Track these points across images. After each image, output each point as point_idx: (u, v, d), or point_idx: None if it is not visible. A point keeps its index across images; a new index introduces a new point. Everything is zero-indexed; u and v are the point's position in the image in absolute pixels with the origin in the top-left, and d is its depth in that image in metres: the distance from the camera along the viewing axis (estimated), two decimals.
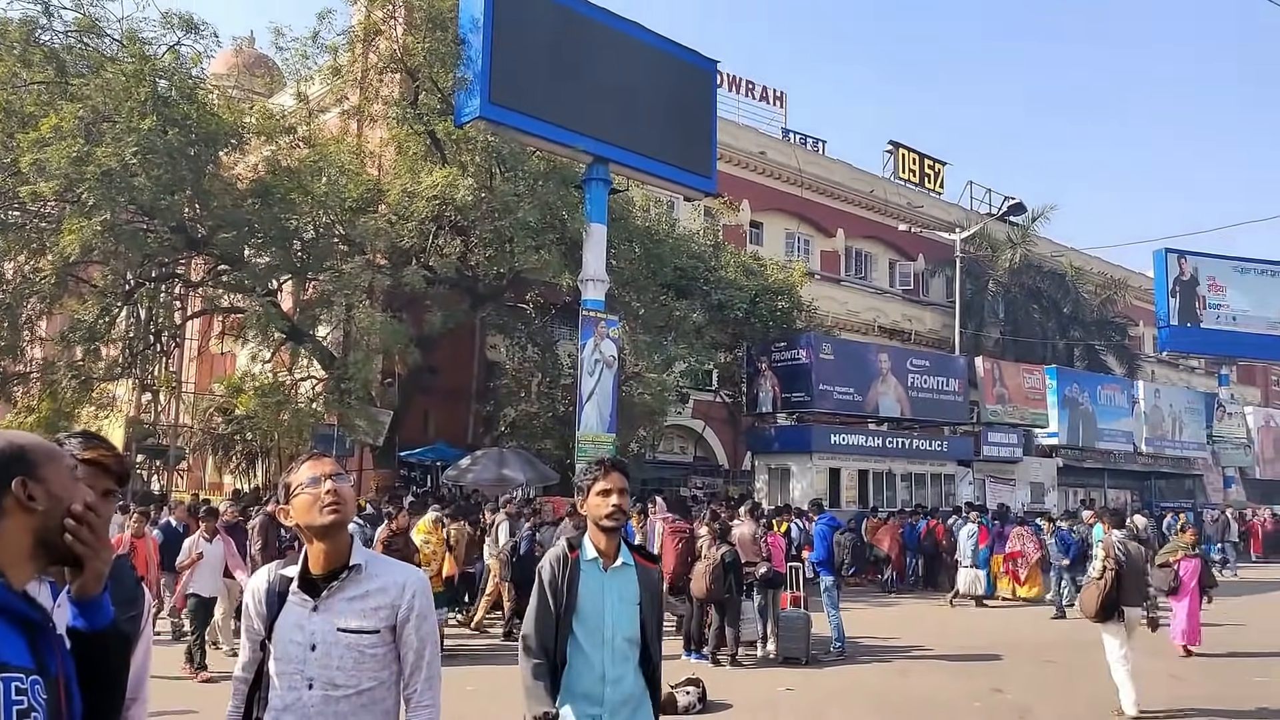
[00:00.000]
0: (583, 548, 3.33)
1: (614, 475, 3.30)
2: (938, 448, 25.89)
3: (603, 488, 3.28)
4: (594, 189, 18.30)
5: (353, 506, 2.63)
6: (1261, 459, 39.72)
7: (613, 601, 3.29)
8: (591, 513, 3.31)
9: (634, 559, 3.39)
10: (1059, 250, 38.42)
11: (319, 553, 2.58)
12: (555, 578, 3.28)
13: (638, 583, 3.35)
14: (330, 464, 2.63)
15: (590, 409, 17.80)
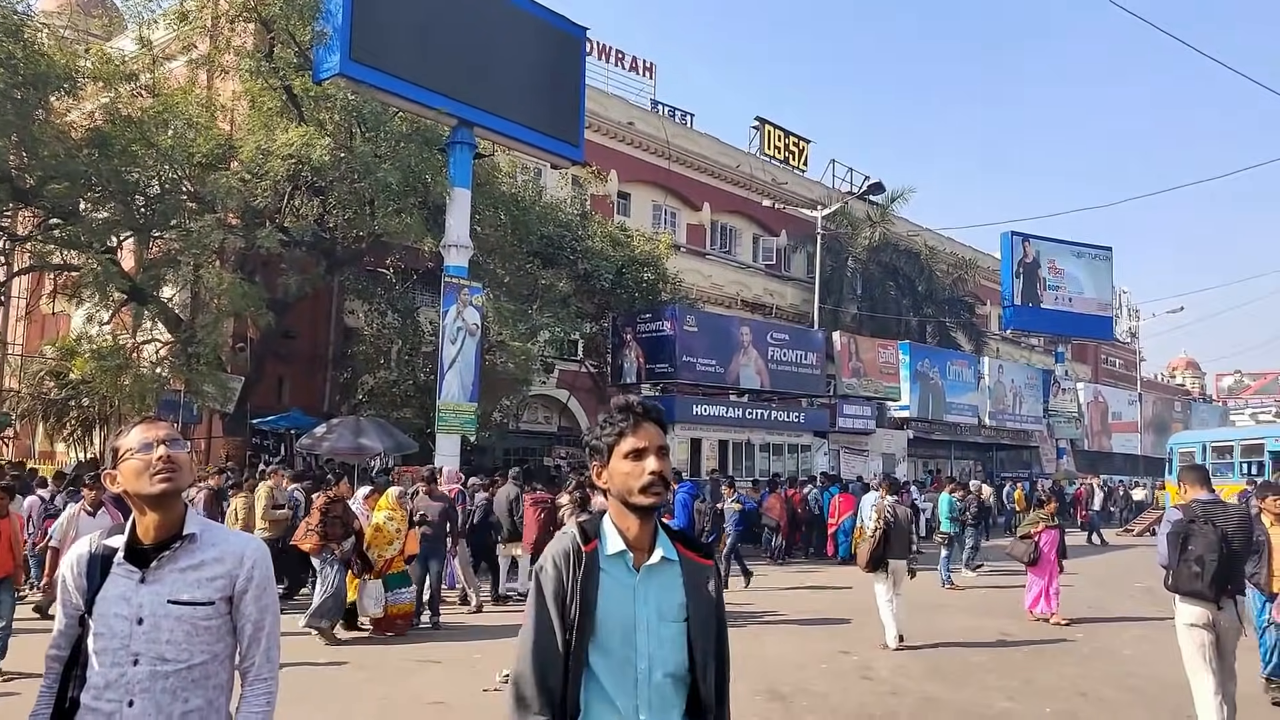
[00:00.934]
0: (602, 537, 2.30)
1: (648, 428, 2.31)
2: (795, 419, 26.64)
3: (633, 446, 2.29)
4: (458, 153, 17.92)
5: (188, 474, 2.48)
6: (1090, 432, 42.52)
7: (648, 618, 2.25)
8: (616, 484, 2.30)
9: (678, 551, 2.34)
10: (915, 230, 39.90)
11: (150, 523, 2.43)
12: (561, 585, 2.24)
13: (684, 589, 2.30)
14: (165, 428, 2.48)
15: (452, 377, 17.53)
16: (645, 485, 2.25)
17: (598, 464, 2.36)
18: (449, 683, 8.09)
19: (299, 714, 6.84)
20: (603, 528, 2.32)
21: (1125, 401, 46.49)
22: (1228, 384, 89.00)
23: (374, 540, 10.39)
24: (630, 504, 2.28)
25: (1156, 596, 13.68)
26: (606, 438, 2.33)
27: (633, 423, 2.31)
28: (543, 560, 2.29)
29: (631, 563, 2.27)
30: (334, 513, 10.14)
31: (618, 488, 2.29)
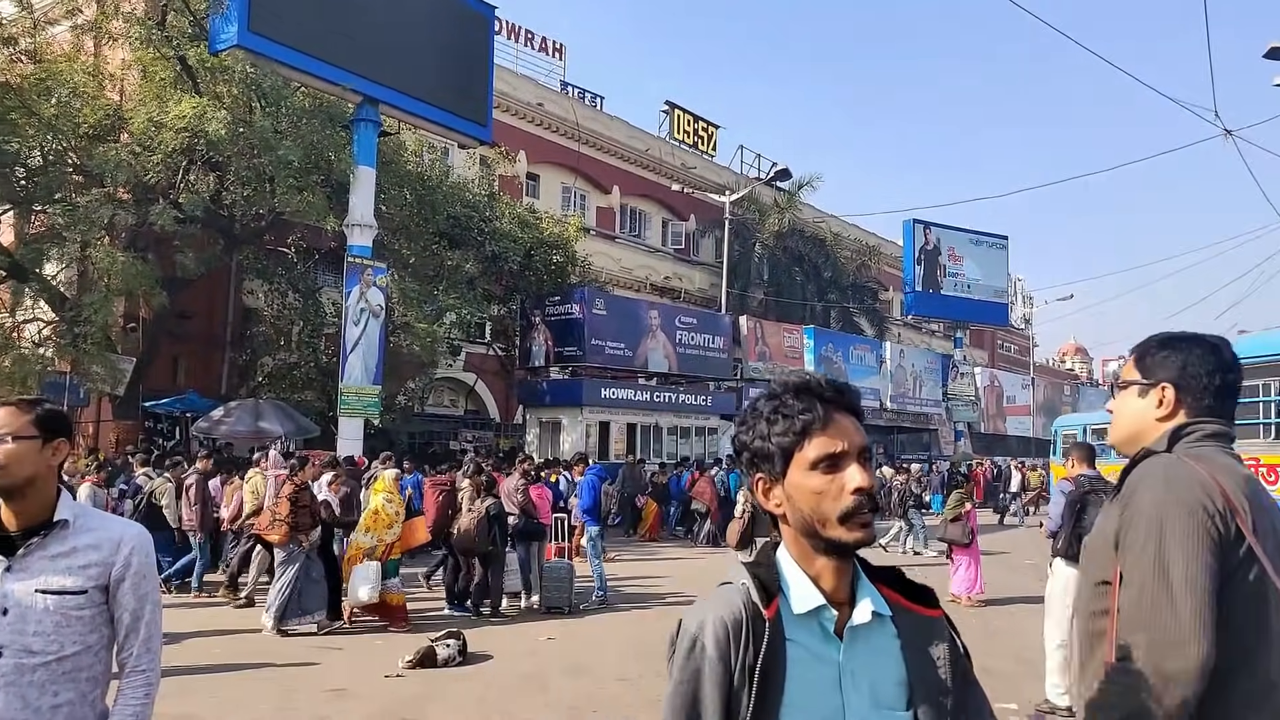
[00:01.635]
0: (785, 590, 1.51)
1: (843, 422, 1.52)
2: (702, 402, 26.90)
3: (825, 450, 1.48)
4: (363, 130, 17.52)
5: (21, 467, 2.33)
6: (986, 415, 43.97)
7: (862, 711, 1.47)
8: (800, 507, 1.50)
9: (889, 599, 1.55)
10: (820, 217, 40.56)
11: (12, 510, 2.31)
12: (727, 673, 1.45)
13: (904, 662, 1.50)
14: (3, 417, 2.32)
15: (355, 359, 17.19)
16: (849, 511, 1.44)
17: (763, 478, 1.54)
18: (350, 669, 7.97)
19: (191, 704, 6.65)
20: (782, 572, 1.52)
21: (1019, 385, 48.21)
22: (1113, 368, 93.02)
23: (373, 524, 10.00)
24: (826, 539, 1.46)
25: (1042, 573, 14.26)
26: (780, 438, 1.50)
27: (822, 415, 1.50)
28: (696, 632, 1.46)
29: (830, 625, 1.47)
30: (303, 501, 9.80)
31: (804, 513, 1.47)
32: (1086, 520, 6.59)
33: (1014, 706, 6.98)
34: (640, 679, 7.78)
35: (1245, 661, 1.77)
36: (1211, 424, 1.96)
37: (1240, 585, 1.77)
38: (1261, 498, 1.86)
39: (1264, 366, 10.08)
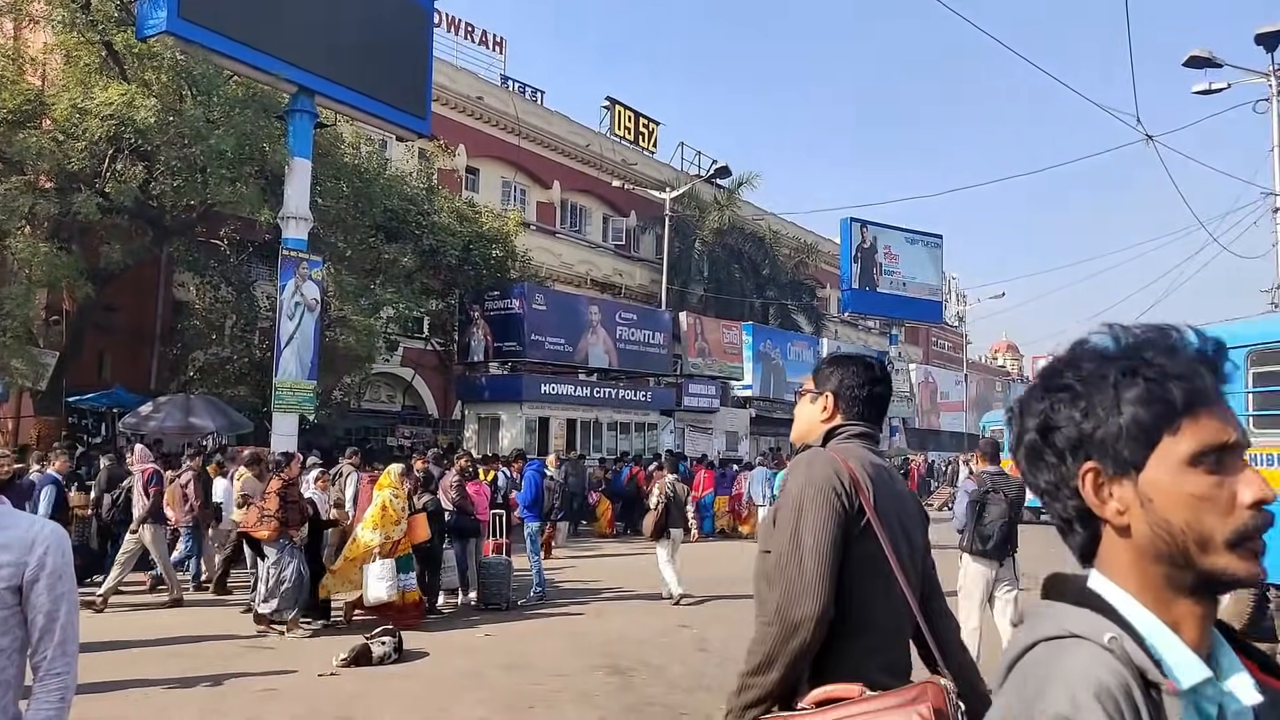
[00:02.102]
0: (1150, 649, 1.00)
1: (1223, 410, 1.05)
2: (642, 398, 26.97)
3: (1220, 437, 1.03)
4: (298, 121, 17.21)
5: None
6: (920, 410, 44.76)
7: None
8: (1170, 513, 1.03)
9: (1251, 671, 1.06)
10: (760, 214, 40.86)
11: None
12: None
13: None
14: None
15: (289, 354, 16.90)
16: (1244, 532, 1.02)
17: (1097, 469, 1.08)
18: (283, 669, 7.84)
19: (117, 707, 6.50)
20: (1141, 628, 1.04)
21: (953, 382, 49.17)
22: (1042, 365, 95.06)
23: (380, 521, 9.76)
24: (1202, 570, 1.03)
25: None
26: (1140, 411, 1.05)
27: (1211, 386, 1.06)
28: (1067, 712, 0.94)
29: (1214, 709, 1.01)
30: (291, 497, 9.59)
31: (1171, 529, 1.04)
32: (988, 517, 7.03)
33: None
34: (577, 674, 7.79)
35: (867, 614, 2.13)
36: (859, 426, 2.38)
37: (861, 551, 2.12)
38: (889, 485, 2.23)
39: None
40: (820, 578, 2.06)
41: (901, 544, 2.19)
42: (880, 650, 2.15)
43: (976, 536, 7.11)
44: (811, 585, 2.05)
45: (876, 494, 2.16)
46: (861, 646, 2.12)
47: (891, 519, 2.18)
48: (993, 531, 7.07)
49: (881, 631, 2.16)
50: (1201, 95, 19.46)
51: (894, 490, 2.27)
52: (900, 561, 2.14)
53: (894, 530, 2.17)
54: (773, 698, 2.09)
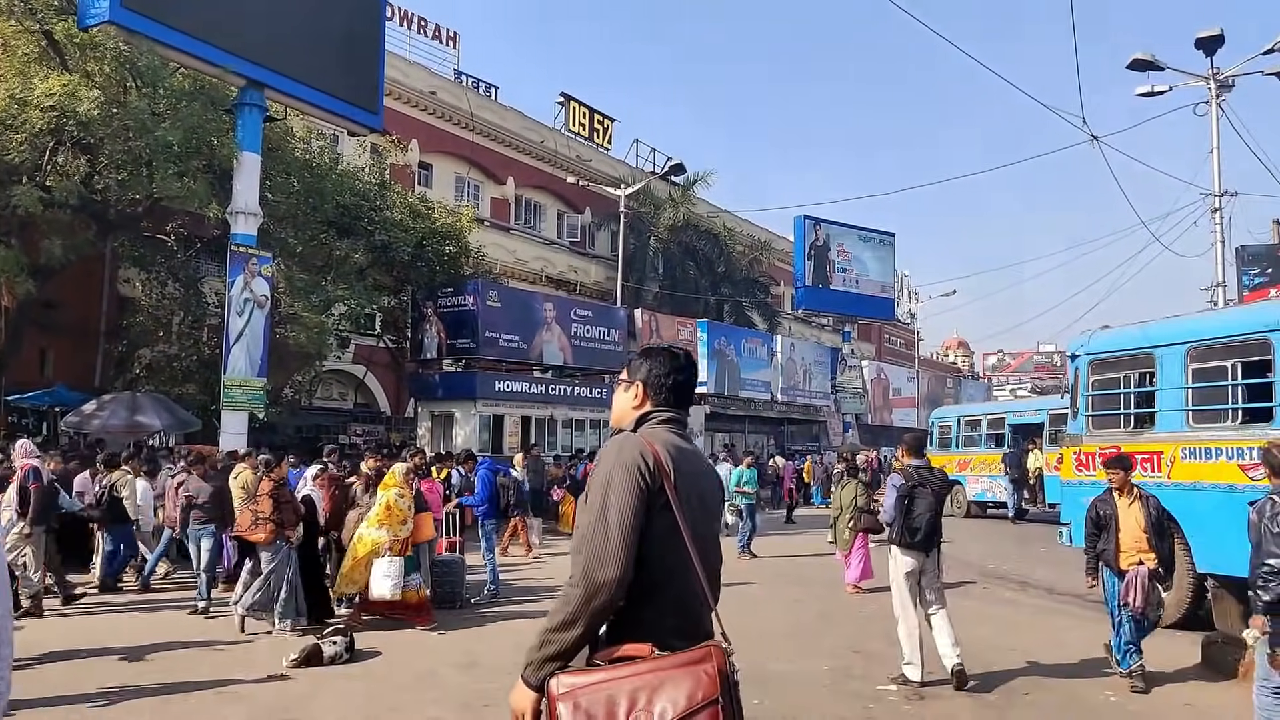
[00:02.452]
0: None
1: None
2: (598, 395, 26.94)
3: None
4: (247, 115, 16.96)
5: None
6: (873, 407, 45.24)
7: None
8: None
9: None
10: (714, 212, 41.01)
11: None
12: None
13: None
14: None
15: (238, 351, 16.67)
16: None
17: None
18: (232, 670, 7.73)
19: (61, 711, 6.38)
20: None
21: (905, 378, 49.72)
22: (992, 362, 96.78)
23: (386, 519, 9.60)
24: None
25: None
26: None
27: None
28: None
29: None
30: (284, 498, 9.40)
31: None
32: (916, 510, 7.30)
33: (894, 688, 7.23)
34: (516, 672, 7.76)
35: (667, 580, 2.36)
36: (666, 411, 2.62)
37: (660, 524, 2.35)
38: (691, 466, 2.48)
39: (1121, 359, 10.64)
40: (622, 546, 2.28)
41: (700, 521, 2.44)
42: (675, 615, 2.36)
43: (905, 529, 7.34)
44: (614, 552, 2.27)
45: (678, 474, 2.40)
46: (657, 610, 2.35)
47: (691, 498, 2.42)
48: (921, 524, 7.31)
49: (676, 598, 2.38)
50: (1145, 98, 19.90)
51: (696, 471, 2.52)
52: (695, 536, 2.37)
53: (692, 508, 2.41)
54: (570, 654, 2.31)
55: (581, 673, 2.26)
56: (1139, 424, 10.33)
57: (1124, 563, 7.22)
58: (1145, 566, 7.13)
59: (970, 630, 9.45)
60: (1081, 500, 10.78)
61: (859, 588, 12.10)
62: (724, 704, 2.16)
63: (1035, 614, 10.78)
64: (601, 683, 2.20)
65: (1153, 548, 7.16)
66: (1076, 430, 11.09)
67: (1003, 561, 15.45)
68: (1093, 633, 9.30)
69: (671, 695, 2.14)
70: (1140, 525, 7.20)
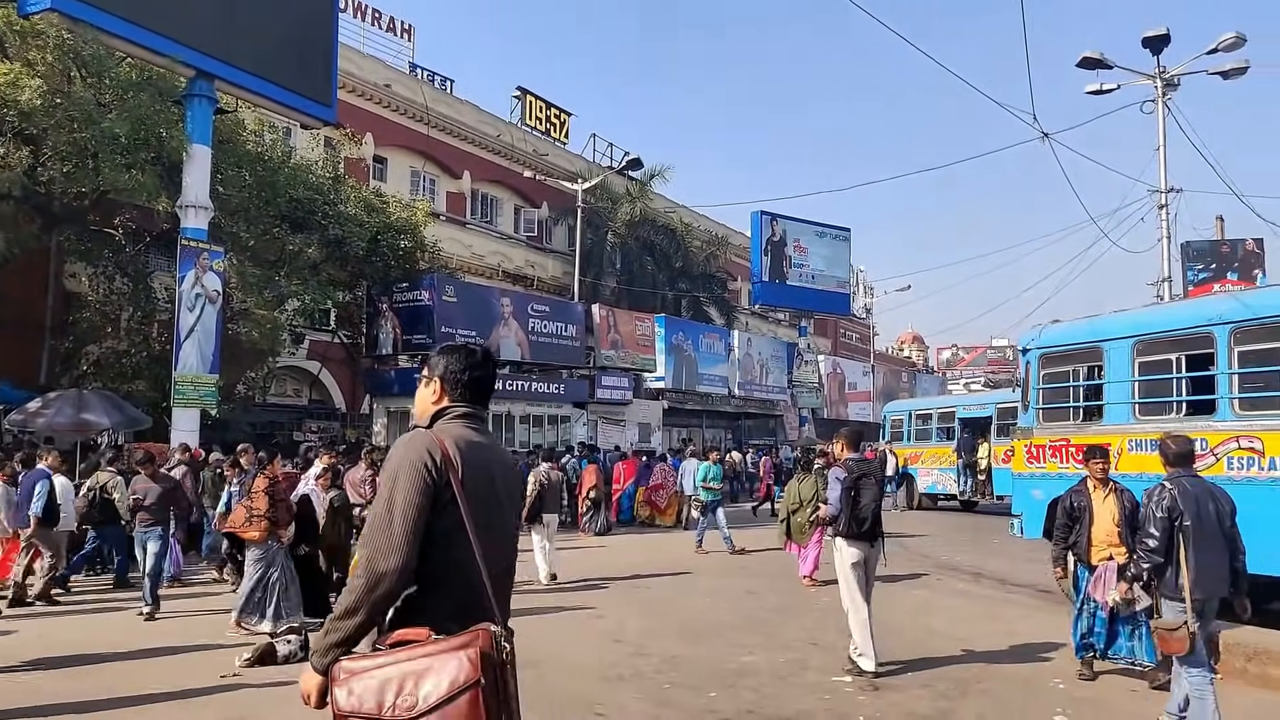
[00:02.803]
0: None
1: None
2: (555, 390, 26.91)
3: None
4: (197, 106, 16.68)
5: None
6: (829, 401, 45.62)
7: None
8: None
9: None
10: (671, 207, 41.07)
11: None
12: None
13: None
14: None
15: (190, 347, 16.41)
16: None
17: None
18: (184, 671, 7.61)
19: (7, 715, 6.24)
20: None
21: (860, 373, 50.23)
22: (946, 356, 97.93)
23: None
24: None
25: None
26: None
27: None
28: None
29: None
30: (278, 496, 9.20)
31: None
32: (862, 501, 7.45)
33: (849, 679, 7.30)
34: None
35: (451, 569, 2.49)
36: (462, 407, 2.73)
37: (446, 517, 2.47)
38: (483, 461, 2.60)
39: (1071, 353, 10.83)
40: (404, 538, 2.40)
41: (492, 514, 2.59)
42: (457, 602, 2.48)
43: (853, 520, 7.45)
44: (397, 544, 2.39)
45: (466, 469, 2.52)
46: (440, 598, 2.48)
47: (480, 492, 2.55)
48: (867, 515, 7.47)
49: (460, 587, 2.49)
50: (1094, 95, 20.24)
51: (488, 465, 2.64)
52: (479, 528, 2.49)
53: (480, 501, 2.53)
54: (353, 640, 2.43)
55: (360, 658, 2.39)
56: (1087, 416, 10.53)
57: (1095, 557, 7.17)
58: (1115, 561, 7.02)
59: (924, 621, 9.60)
60: (1033, 493, 11.00)
61: (814, 580, 12.18)
62: (486, 685, 2.28)
63: (988, 604, 10.94)
64: (375, 668, 2.33)
65: (1124, 543, 6.99)
66: (1027, 423, 11.27)
67: (956, 553, 15.67)
68: (1044, 622, 9.49)
69: (436, 679, 2.27)
70: (1114, 519, 7.10)
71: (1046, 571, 10.94)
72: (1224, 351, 8.87)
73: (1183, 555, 5.52)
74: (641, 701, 6.75)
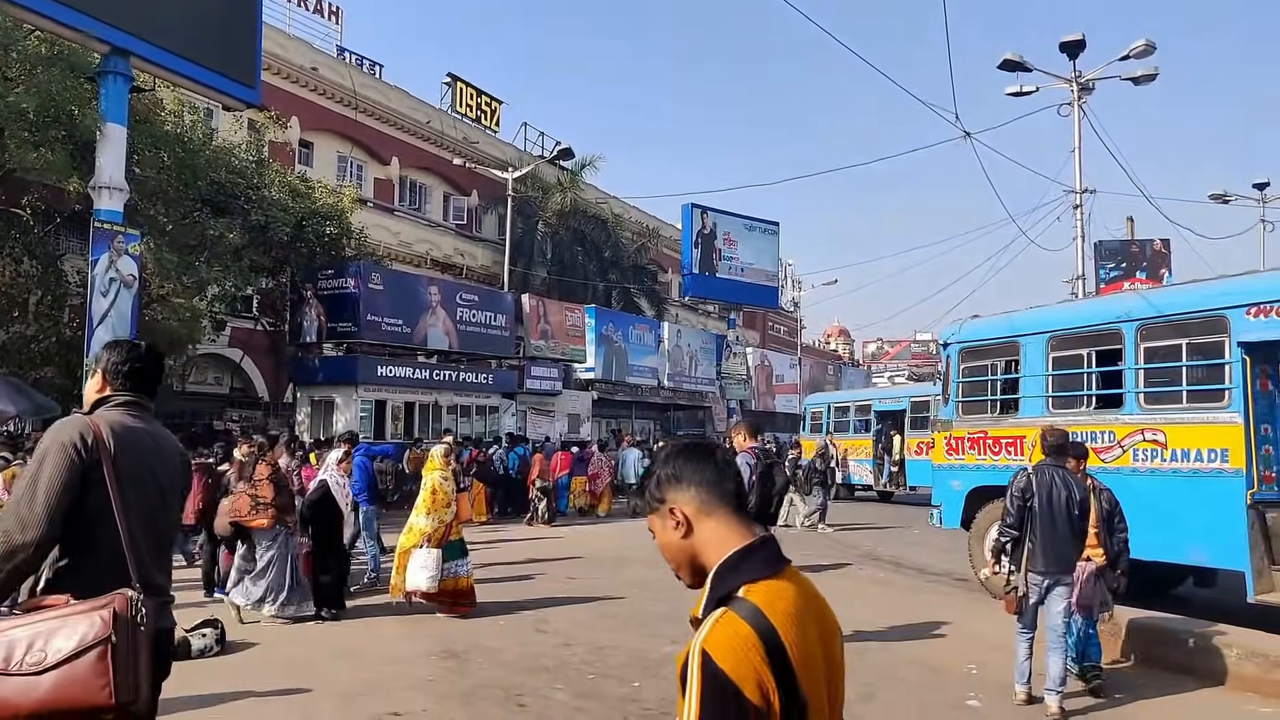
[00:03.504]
0: None
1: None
2: (484, 380, 26.69)
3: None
4: (111, 84, 16.06)
5: None
6: (756, 393, 46.06)
7: None
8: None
9: None
10: (603, 198, 41.01)
11: None
12: None
13: None
14: None
15: (103, 333, 15.82)
16: None
17: None
18: None
19: None
20: None
21: (787, 365, 50.76)
22: (871, 350, 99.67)
23: (432, 505, 9.34)
24: None
25: (800, 540, 15.15)
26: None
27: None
28: None
29: None
30: (282, 482, 9.13)
31: None
32: (775, 486, 7.92)
33: None
34: (411, 660, 7.68)
35: (96, 544, 2.68)
36: (124, 396, 2.96)
37: (95, 495, 2.66)
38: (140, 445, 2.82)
39: (989, 348, 11.11)
40: (45, 514, 2.56)
41: (140, 494, 2.77)
42: (103, 574, 2.64)
43: (761, 505, 7.68)
44: (38, 519, 2.55)
45: (120, 453, 2.72)
46: (88, 569, 2.66)
47: (132, 472, 2.75)
48: (776, 499, 7.95)
49: (106, 557, 2.67)
50: (1014, 97, 20.74)
51: (145, 449, 2.85)
52: (127, 506, 2.69)
53: (130, 482, 2.73)
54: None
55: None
56: (1004, 409, 10.80)
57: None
58: (1093, 563, 6.78)
59: (846, 611, 9.72)
60: (952, 484, 11.26)
61: None
62: (116, 642, 2.42)
63: (907, 593, 11.18)
64: (7, 628, 2.44)
65: (1101, 543, 6.82)
66: (947, 415, 11.52)
67: (878, 543, 15.99)
68: (962, 611, 9.73)
69: (67, 635, 2.41)
70: (1091, 520, 6.76)
71: (963, 561, 11.28)
72: (1131, 348, 9.19)
73: (1027, 533, 6.33)
74: (565, 691, 6.76)
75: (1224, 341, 8.41)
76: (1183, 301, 9.09)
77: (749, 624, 1.57)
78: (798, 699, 1.54)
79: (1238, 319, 8.29)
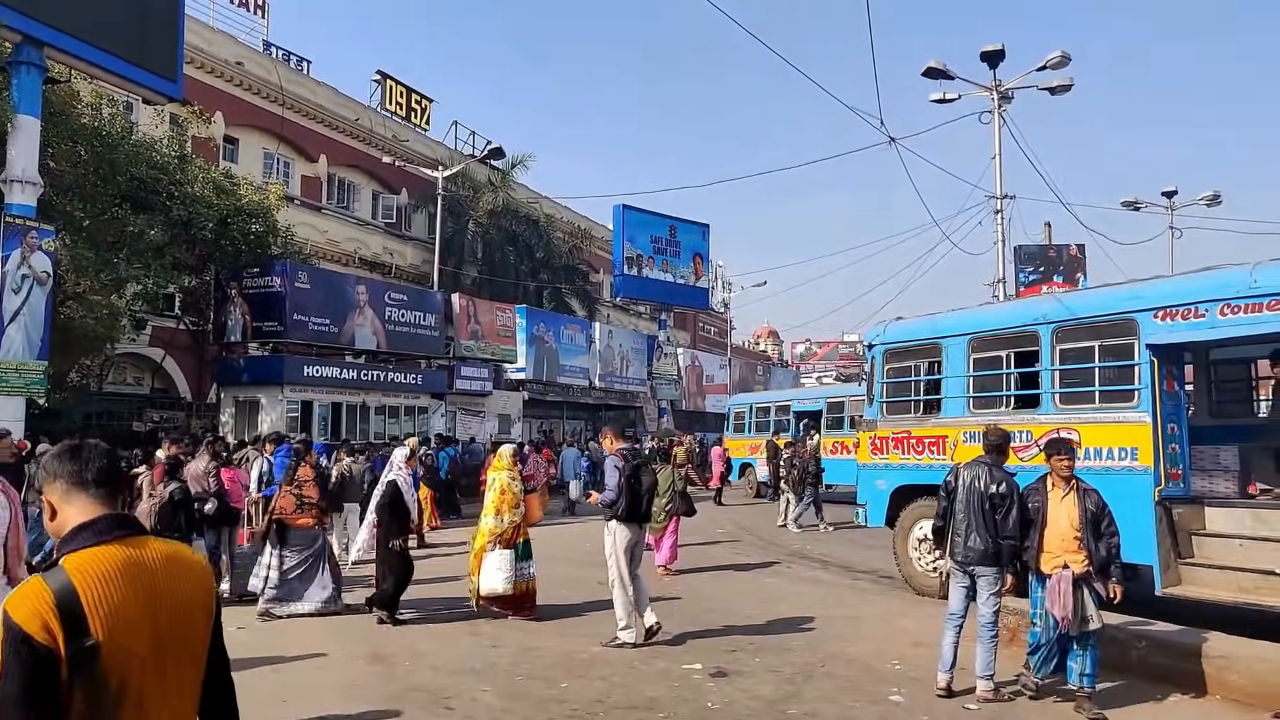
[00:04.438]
0: None
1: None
2: (413, 380, 26.43)
3: None
4: (24, 75, 15.57)
5: None
6: (687, 393, 46.38)
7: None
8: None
9: None
10: (534, 198, 40.87)
11: None
12: None
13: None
14: None
15: (15, 331, 15.35)
16: None
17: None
18: None
19: None
20: None
21: (718, 365, 51.18)
22: (800, 351, 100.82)
23: (501, 505, 9.18)
24: None
25: (737, 546, 15.29)
26: None
27: None
28: None
29: None
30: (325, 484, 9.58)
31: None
32: (643, 487, 8.30)
33: (699, 666, 7.49)
34: (337, 664, 7.61)
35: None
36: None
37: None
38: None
39: (913, 349, 11.37)
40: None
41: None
42: None
43: (631, 504, 8.17)
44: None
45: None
46: None
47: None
48: (646, 499, 8.35)
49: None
50: (938, 104, 21.22)
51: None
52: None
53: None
54: None
55: None
56: (928, 410, 11.06)
57: (1047, 565, 6.36)
58: (1070, 570, 6.26)
59: (772, 607, 9.92)
60: (876, 483, 11.50)
61: (669, 569, 12.40)
62: None
63: (833, 590, 11.39)
64: None
65: (1084, 548, 6.27)
66: (872, 415, 11.76)
67: (806, 541, 16.24)
68: (885, 607, 9.95)
69: None
70: (1073, 523, 6.31)
71: (888, 558, 11.52)
72: (1047, 349, 9.50)
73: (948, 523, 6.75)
74: (492, 693, 6.76)
75: (1134, 344, 8.73)
76: (1095, 305, 9.42)
77: (48, 584, 1.90)
78: (87, 640, 1.88)
79: (1146, 322, 8.62)
